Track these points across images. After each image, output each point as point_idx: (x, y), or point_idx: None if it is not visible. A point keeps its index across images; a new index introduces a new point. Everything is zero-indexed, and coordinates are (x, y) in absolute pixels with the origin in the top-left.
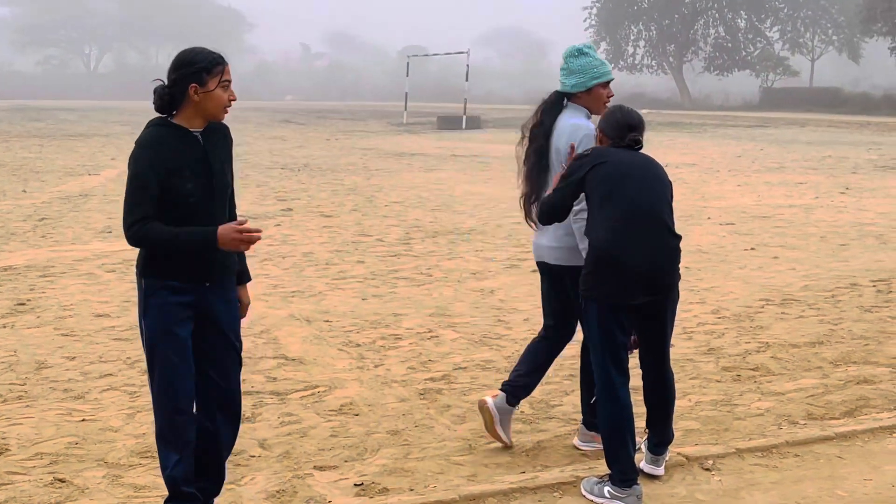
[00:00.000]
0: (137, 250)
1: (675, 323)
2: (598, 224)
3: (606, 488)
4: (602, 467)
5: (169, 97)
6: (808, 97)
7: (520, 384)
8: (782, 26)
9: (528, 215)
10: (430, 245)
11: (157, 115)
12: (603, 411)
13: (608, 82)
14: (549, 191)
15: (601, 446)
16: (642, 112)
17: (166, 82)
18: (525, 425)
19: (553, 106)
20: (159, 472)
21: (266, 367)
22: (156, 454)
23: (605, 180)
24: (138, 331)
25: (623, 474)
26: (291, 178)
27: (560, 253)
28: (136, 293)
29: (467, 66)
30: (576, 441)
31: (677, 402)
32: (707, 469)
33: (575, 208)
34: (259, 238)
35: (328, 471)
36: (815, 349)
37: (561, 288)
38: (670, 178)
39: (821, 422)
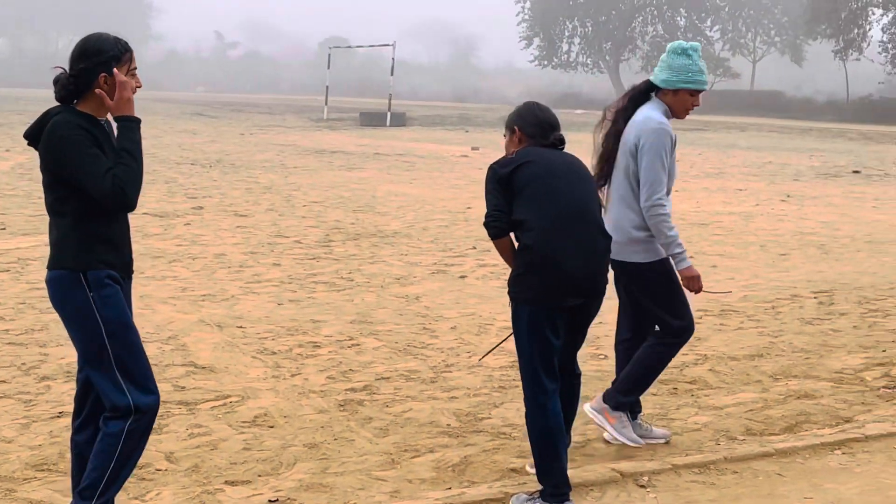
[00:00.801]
0: (31, 247)
1: (609, 333)
2: (529, 225)
3: (538, 501)
4: (533, 484)
5: (74, 86)
6: (749, 100)
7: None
8: (723, 26)
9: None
10: (352, 248)
11: (57, 104)
12: (533, 423)
13: (698, 91)
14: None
15: (607, 422)
16: (577, 112)
17: (69, 70)
18: (451, 439)
19: (641, 94)
20: (55, 485)
21: (173, 375)
22: (54, 465)
23: (533, 180)
24: (34, 334)
25: (556, 488)
26: (203, 175)
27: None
28: (32, 293)
29: (393, 59)
30: (587, 406)
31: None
32: (642, 486)
33: (645, 204)
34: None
35: (240, 486)
36: (755, 362)
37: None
38: None
39: (760, 437)
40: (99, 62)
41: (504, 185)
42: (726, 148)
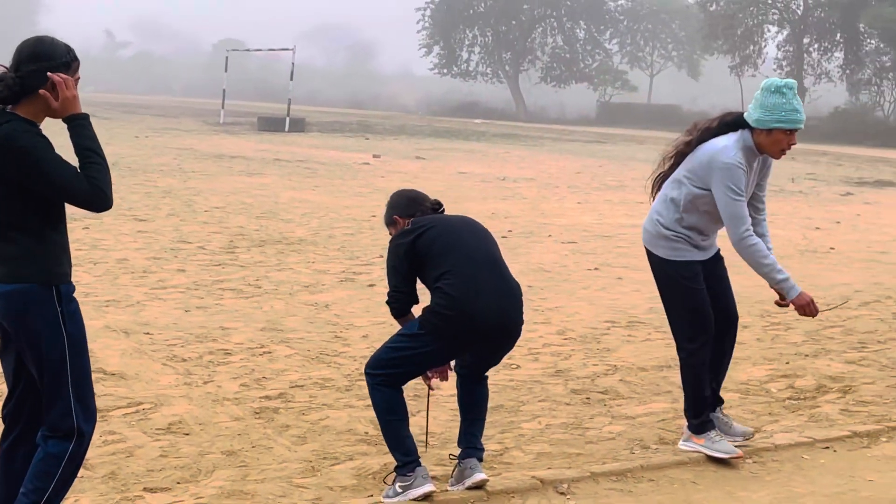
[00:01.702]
0: None
1: (521, 343)
2: (445, 276)
3: (396, 485)
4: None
5: (20, 87)
6: (647, 113)
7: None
8: (622, 39)
9: (652, 191)
10: (257, 255)
11: None
12: (378, 400)
13: (794, 130)
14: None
15: (698, 446)
16: (476, 122)
17: (14, 71)
18: (370, 447)
19: (732, 122)
20: None
21: None
22: None
23: (437, 239)
24: None
25: (405, 456)
26: None
27: (644, 235)
28: None
29: (293, 63)
30: (680, 445)
31: (526, 425)
32: (562, 493)
33: (734, 243)
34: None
35: (160, 493)
36: (664, 373)
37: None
38: (509, 192)
39: (673, 447)
40: (50, 67)
41: (409, 256)
42: (625, 160)
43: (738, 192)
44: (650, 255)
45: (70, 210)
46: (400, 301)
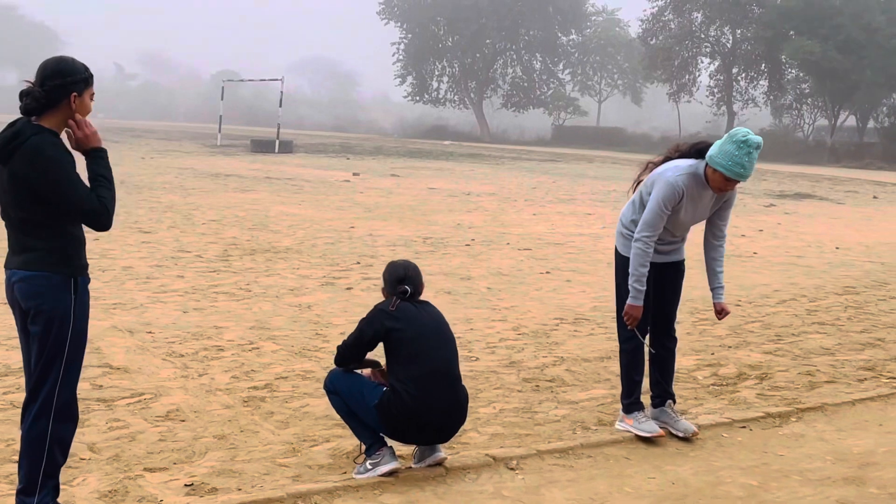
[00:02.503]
0: None
1: (479, 338)
2: (403, 379)
3: (367, 462)
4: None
5: (45, 100)
6: (596, 135)
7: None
8: (573, 69)
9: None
10: (249, 262)
11: (19, 117)
12: (337, 405)
13: (727, 178)
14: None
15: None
16: (444, 143)
17: (40, 86)
18: (345, 430)
19: (700, 150)
20: None
21: (91, 375)
22: None
23: (408, 344)
24: None
25: (371, 439)
26: None
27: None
28: None
29: (281, 92)
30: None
31: (483, 410)
32: (512, 468)
33: (635, 236)
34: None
35: (158, 472)
36: (605, 363)
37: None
38: (473, 205)
39: (610, 427)
40: (73, 81)
41: (378, 337)
42: (576, 177)
43: (665, 207)
44: (615, 251)
45: None
46: (345, 358)
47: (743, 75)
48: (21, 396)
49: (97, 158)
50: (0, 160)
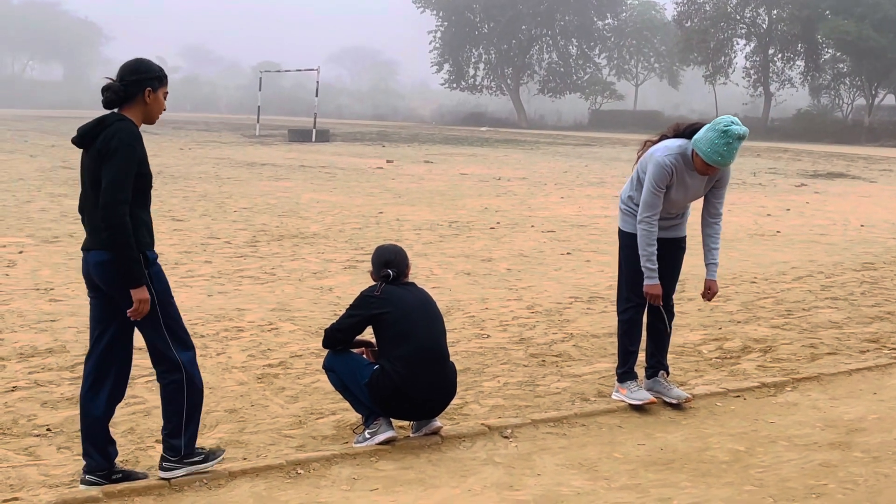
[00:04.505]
0: None
1: (493, 317)
2: (391, 358)
3: (366, 432)
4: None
5: (124, 93)
6: (632, 119)
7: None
8: (609, 54)
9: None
10: (275, 247)
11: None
12: (335, 383)
13: (704, 162)
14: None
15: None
16: (482, 129)
17: (119, 81)
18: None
19: (685, 130)
20: (9, 445)
21: None
22: (9, 430)
23: (392, 325)
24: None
25: (368, 411)
26: None
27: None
28: None
29: (317, 82)
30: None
31: (487, 384)
32: (505, 437)
33: (638, 219)
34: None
35: None
36: (612, 339)
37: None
38: (502, 190)
39: (607, 399)
40: (148, 77)
41: (365, 322)
42: (609, 161)
43: (658, 186)
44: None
45: None
46: (334, 340)
47: (779, 56)
48: (45, 376)
49: (133, 277)
50: (84, 144)
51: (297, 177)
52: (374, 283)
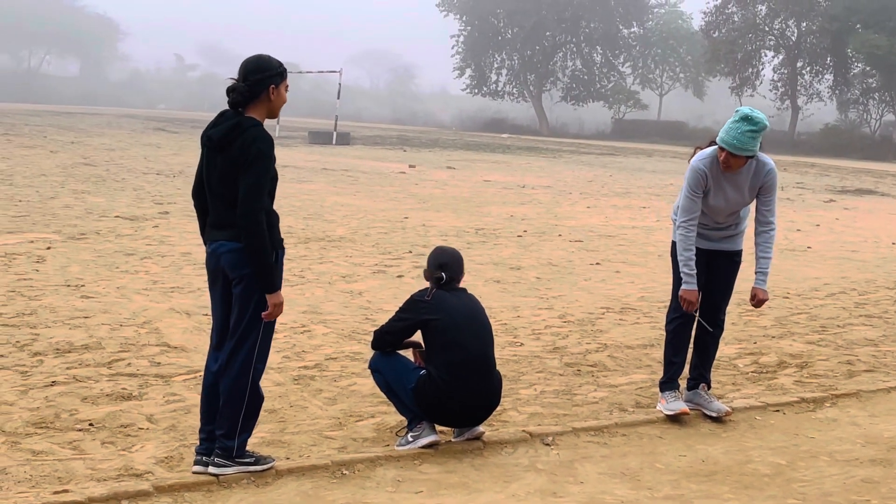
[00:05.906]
0: (16, 243)
1: (525, 325)
2: (438, 365)
3: (408, 435)
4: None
5: (249, 93)
6: (656, 129)
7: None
8: (634, 62)
9: None
10: (303, 250)
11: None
12: (380, 383)
13: (724, 150)
14: None
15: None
16: (503, 136)
17: (243, 81)
18: (389, 407)
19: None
20: (53, 439)
21: (150, 353)
22: (52, 424)
23: (441, 332)
24: (25, 317)
25: (411, 414)
26: (167, 184)
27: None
28: (20, 283)
29: (339, 84)
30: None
31: (524, 391)
32: (547, 444)
33: (676, 224)
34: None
35: None
36: (647, 350)
37: None
38: (527, 198)
39: (647, 409)
40: (271, 76)
41: (415, 326)
42: (634, 171)
43: (693, 191)
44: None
45: (140, 210)
46: (383, 343)
47: (808, 69)
48: (83, 371)
49: (271, 282)
50: (220, 148)
51: (319, 179)
52: (426, 282)
